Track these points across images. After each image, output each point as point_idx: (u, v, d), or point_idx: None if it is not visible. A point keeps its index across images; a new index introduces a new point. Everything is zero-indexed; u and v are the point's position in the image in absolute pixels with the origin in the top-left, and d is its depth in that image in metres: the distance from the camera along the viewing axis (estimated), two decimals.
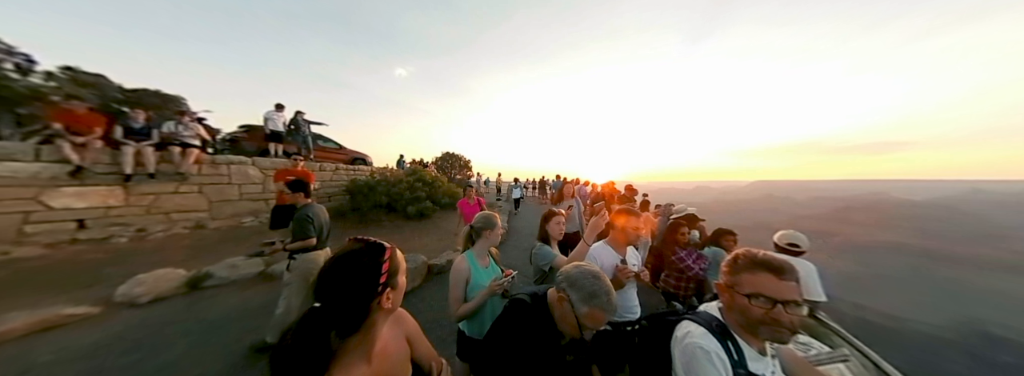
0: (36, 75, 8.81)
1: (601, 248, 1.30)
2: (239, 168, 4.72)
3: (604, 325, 0.71)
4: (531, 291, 0.84)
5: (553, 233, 1.45)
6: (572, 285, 0.71)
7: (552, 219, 1.47)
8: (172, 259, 3.09)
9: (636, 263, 1.34)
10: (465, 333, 1.18)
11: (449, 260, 3.59)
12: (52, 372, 1.63)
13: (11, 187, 2.97)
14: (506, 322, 0.80)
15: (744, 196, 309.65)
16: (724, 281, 0.65)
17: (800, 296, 0.59)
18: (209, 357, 1.78)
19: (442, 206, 7.12)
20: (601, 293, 0.69)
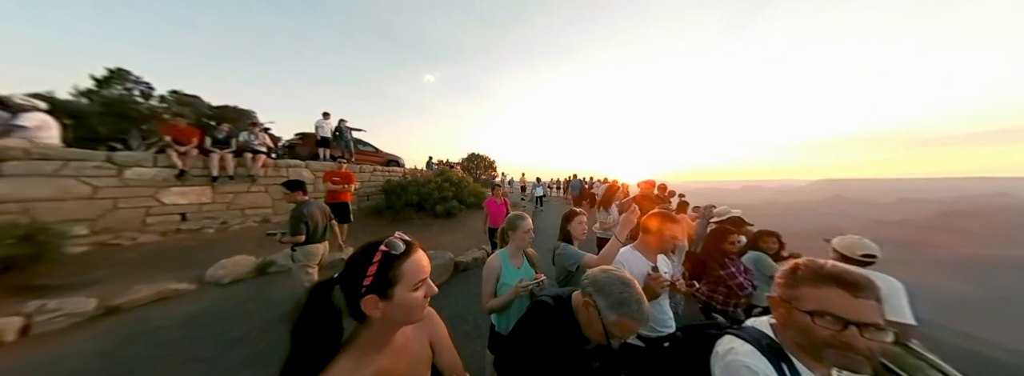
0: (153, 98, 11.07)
1: (630, 253, 1.20)
2: (295, 170, 5.40)
3: (635, 335, 0.68)
4: (555, 293, 0.82)
5: (575, 233, 1.42)
6: (599, 290, 0.68)
7: (574, 219, 1.43)
8: (245, 248, 3.65)
9: (669, 271, 1.24)
10: (495, 327, 1.23)
11: (474, 258, 3.71)
12: (161, 334, 2.03)
13: (138, 187, 3.77)
14: (528, 324, 0.79)
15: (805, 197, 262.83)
16: (779, 294, 0.56)
17: (881, 318, 0.49)
18: (272, 332, 2.08)
19: (468, 205, 7.35)
20: (631, 301, 0.65)
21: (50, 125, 3.38)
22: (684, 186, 31.63)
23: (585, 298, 0.70)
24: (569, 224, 1.44)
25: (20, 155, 3.03)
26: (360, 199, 6.26)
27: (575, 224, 1.43)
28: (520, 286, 1.11)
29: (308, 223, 2.15)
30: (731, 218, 2.31)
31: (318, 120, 6.24)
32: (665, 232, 1.15)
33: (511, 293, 1.11)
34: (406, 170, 8.45)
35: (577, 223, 1.43)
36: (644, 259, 1.18)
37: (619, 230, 1.20)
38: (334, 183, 4.26)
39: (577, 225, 1.43)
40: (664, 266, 1.23)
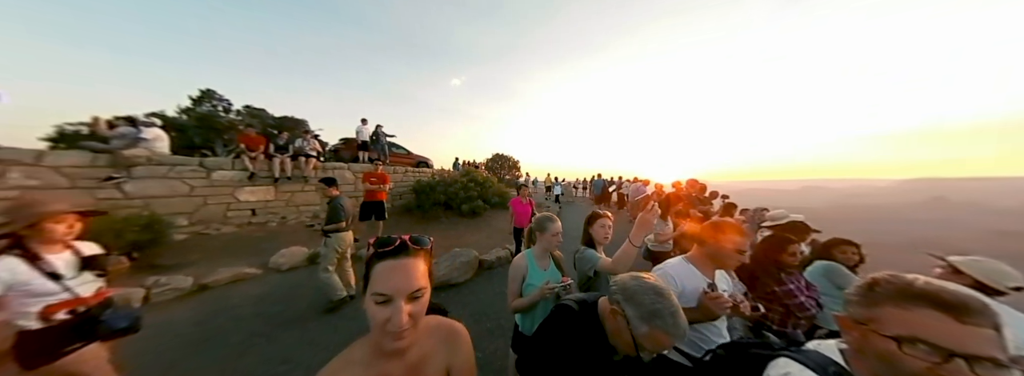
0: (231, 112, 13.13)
1: (681, 266, 1.03)
2: (339, 172, 6.01)
3: (669, 349, 0.64)
4: (580, 298, 0.78)
5: (597, 237, 1.34)
6: (629, 299, 0.63)
7: (596, 222, 1.36)
8: (300, 239, 4.17)
9: (728, 289, 1.06)
10: (519, 327, 1.24)
11: (499, 257, 3.76)
12: (237, 311, 2.42)
13: (221, 187, 4.52)
14: (550, 328, 0.76)
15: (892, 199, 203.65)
16: (854, 314, 0.47)
17: (1002, 351, 0.39)
18: (318, 315, 2.38)
19: (492, 205, 7.49)
20: (665, 313, 0.59)
21: (162, 137, 4.22)
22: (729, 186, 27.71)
23: (613, 306, 0.65)
24: (591, 227, 1.37)
25: (143, 161, 3.84)
26: (393, 198, 6.73)
27: (598, 227, 1.35)
28: (546, 288, 1.09)
29: (344, 213, 2.51)
30: (791, 224, 1.89)
31: (358, 126, 6.87)
32: (727, 244, 0.96)
33: (536, 294, 1.10)
34: (434, 171, 8.88)
35: (600, 226, 1.35)
36: (699, 274, 1.01)
37: (633, 233, 1.05)
38: (372, 183, 4.66)
39: (599, 228, 1.35)
40: (723, 283, 1.06)
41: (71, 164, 3.46)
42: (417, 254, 0.48)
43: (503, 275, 3.68)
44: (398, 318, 0.44)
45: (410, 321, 0.45)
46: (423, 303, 0.48)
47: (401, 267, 0.46)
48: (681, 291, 0.96)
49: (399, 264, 0.46)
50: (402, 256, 0.47)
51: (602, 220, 1.36)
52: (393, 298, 0.45)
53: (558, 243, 1.27)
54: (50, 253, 1.08)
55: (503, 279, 3.50)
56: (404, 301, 0.45)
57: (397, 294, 0.45)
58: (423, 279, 0.47)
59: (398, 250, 0.47)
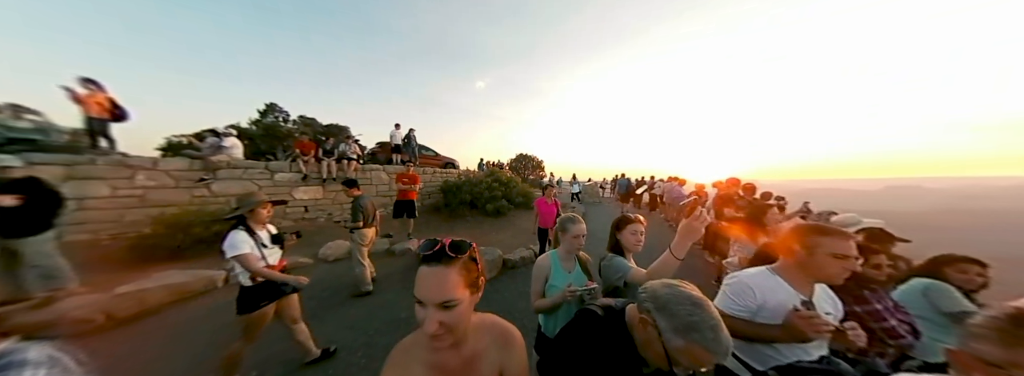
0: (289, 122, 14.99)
1: (764, 277, 0.88)
2: (376, 173, 6.54)
3: (709, 366, 0.55)
4: (605, 304, 0.73)
5: (627, 244, 1.20)
6: (661, 309, 0.57)
7: (627, 227, 1.21)
8: (344, 234, 4.60)
9: (834, 311, 0.89)
10: (541, 328, 1.23)
11: (522, 256, 3.78)
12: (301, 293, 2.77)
13: (282, 186, 5.20)
14: (573, 334, 0.72)
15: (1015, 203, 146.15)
16: (980, 352, 0.40)
17: None
18: (358, 303, 2.63)
19: (516, 205, 7.52)
20: (703, 327, 0.53)
21: (238, 145, 5.00)
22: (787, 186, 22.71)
23: (642, 315, 0.60)
24: (620, 232, 1.23)
25: (225, 165, 4.60)
26: (423, 197, 7.12)
27: (628, 234, 1.21)
28: (569, 291, 1.05)
29: (364, 212, 2.78)
30: (872, 231, 1.57)
31: (391, 130, 7.40)
32: (827, 251, 0.77)
33: (558, 297, 1.07)
34: (460, 171, 9.19)
35: (630, 232, 1.20)
36: (789, 287, 0.85)
37: (677, 242, 0.88)
38: (404, 183, 4.99)
39: (630, 235, 1.20)
40: (825, 303, 0.88)
41: (176, 168, 4.27)
42: (453, 263, 0.48)
43: (526, 275, 3.64)
44: (428, 325, 0.45)
45: (441, 328, 0.45)
46: (457, 313, 0.47)
47: (433, 275, 0.47)
48: (760, 305, 0.84)
49: (432, 272, 0.47)
50: (436, 264, 0.48)
51: (633, 226, 1.21)
52: (425, 304, 0.46)
53: (580, 246, 1.23)
54: (259, 230, 1.52)
55: (526, 279, 3.47)
56: (434, 309, 0.46)
57: (427, 301, 0.46)
58: (456, 290, 0.47)
59: (433, 257, 0.48)
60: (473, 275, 0.52)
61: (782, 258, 0.90)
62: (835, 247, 0.78)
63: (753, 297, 0.85)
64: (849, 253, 0.78)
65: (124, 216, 3.82)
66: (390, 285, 3.03)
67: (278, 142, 13.00)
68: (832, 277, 0.81)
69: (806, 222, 0.94)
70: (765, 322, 0.83)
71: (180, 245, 3.49)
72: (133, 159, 4.00)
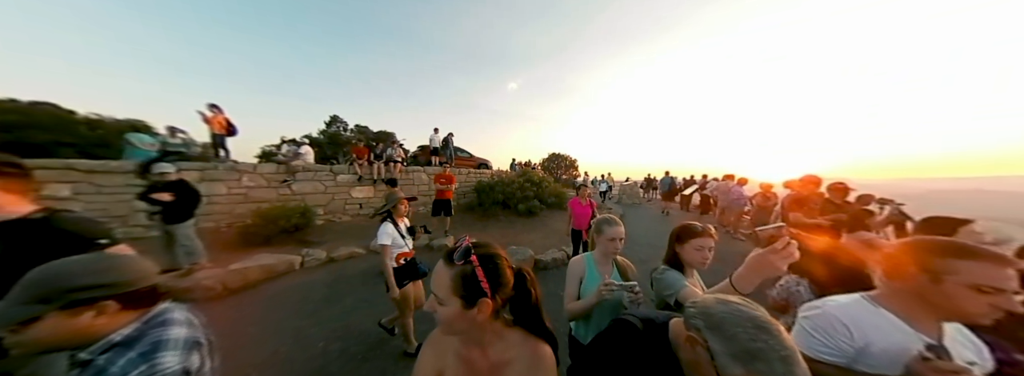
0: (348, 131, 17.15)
1: (868, 312, 0.66)
2: (417, 174, 7.13)
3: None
4: (646, 315, 0.65)
5: (692, 260, 1.00)
6: (715, 328, 0.47)
7: (691, 241, 1.00)
8: None
9: (978, 360, 0.64)
10: (572, 332, 1.18)
11: (554, 258, 3.72)
12: (350, 279, 3.19)
13: (342, 187, 6.02)
14: (606, 346, 0.66)
15: None
16: None
17: None
18: None
19: (549, 205, 7.44)
20: (771, 357, 0.42)
21: (310, 152, 5.97)
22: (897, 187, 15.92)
23: (690, 332, 0.51)
24: (682, 245, 1.02)
25: (300, 169, 5.51)
26: (458, 197, 7.52)
27: (692, 249, 1.00)
28: (604, 288, 0.94)
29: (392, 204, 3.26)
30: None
31: (431, 134, 7.98)
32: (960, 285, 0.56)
33: (593, 297, 0.99)
34: (493, 172, 9.45)
35: (695, 248, 0.99)
36: (906, 326, 0.63)
37: (742, 274, 0.69)
38: (441, 183, 5.34)
39: (695, 252, 0.99)
40: (965, 348, 0.65)
41: (268, 172, 5.27)
42: (450, 265, 0.54)
43: (558, 277, 3.59)
44: (426, 303, 0.56)
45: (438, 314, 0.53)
46: (442, 311, 0.53)
47: (437, 268, 0.55)
48: (862, 348, 0.64)
49: (438, 268, 0.55)
50: (445, 260, 0.55)
51: (700, 240, 0.99)
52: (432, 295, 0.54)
53: (617, 249, 1.14)
54: (400, 223, 1.86)
55: (558, 281, 3.45)
56: (433, 298, 0.54)
57: (437, 289, 0.54)
58: (442, 290, 0.53)
59: (446, 256, 0.56)
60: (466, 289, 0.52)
61: (888, 282, 0.66)
62: (980, 275, 0.54)
63: (849, 336, 0.63)
64: (1003, 285, 0.54)
65: (234, 209, 4.86)
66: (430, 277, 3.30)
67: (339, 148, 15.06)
68: (970, 316, 0.58)
69: (934, 237, 0.64)
70: (871, 372, 0.62)
71: (270, 234, 4.30)
72: (240, 165, 5.07)
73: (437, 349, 0.61)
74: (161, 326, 0.61)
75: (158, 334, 0.60)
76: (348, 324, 2.31)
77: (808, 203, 2.82)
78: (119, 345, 0.56)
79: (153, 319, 0.62)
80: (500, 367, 0.57)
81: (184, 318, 0.66)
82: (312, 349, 1.97)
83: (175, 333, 0.62)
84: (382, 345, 2.04)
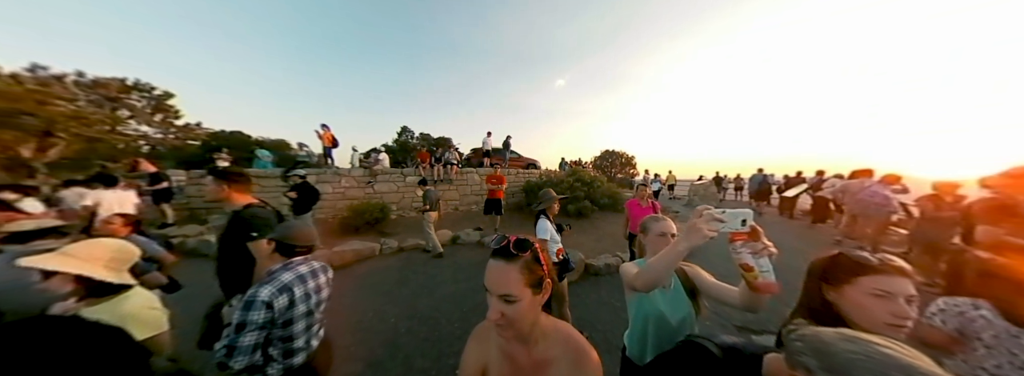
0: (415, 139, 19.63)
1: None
2: (470, 176, 7.66)
3: None
4: (728, 343, 0.54)
5: (869, 320, 0.55)
6: (835, 372, 0.35)
7: (858, 281, 0.57)
8: (446, 225, 5.66)
9: None
10: (626, 350, 1.00)
11: (607, 264, 3.45)
12: (415, 267, 3.64)
13: (409, 187, 6.94)
14: (671, 371, 0.58)
15: None
16: None
17: None
18: (450, 280, 3.17)
19: (601, 206, 6.98)
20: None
21: (386, 158, 7.07)
22: None
23: (797, 372, 0.39)
24: (840, 289, 0.60)
25: (380, 172, 6.60)
26: (508, 196, 7.75)
27: (862, 295, 0.56)
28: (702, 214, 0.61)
29: (430, 201, 4.06)
30: None
31: (484, 138, 8.46)
32: None
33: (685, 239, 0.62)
34: (542, 171, 9.40)
35: (868, 293, 0.55)
36: None
37: None
38: (492, 184, 5.60)
39: (870, 302, 0.55)
40: None
41: (358, 175, 6.50)
42: (514, 260, 0.51)
43: (611, 283, 3.30)
44: (491, 312, 0.50)
45: (503, 319, 0.49)
46: (516, 309, 0.49)
47: (494, 269, 0.51)
48: None
49: (494, 265, 0.52)
50: (499, 258, 0.52)
51: (878, 280, 0.55)
52: (490, 292, 0.51)
53: None
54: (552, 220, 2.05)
55: (611, 288, 3.19)
56: (496, 299, 0.50)
57: (491, 291, 0.50)
58: (514, 286, 0.49)
59: (499, 252, 0.53)
60: (536, 275, 0.52)
61: None
62: None
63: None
64: None
65: (336, 205, 6.15)
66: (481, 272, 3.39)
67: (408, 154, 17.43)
68: None
69: None
70: None
71: (358, 225, 5.27)
72: (340, 170, 6.41)
73: (481, 344, 0.61)
74: (285, 270, 0.95)
75: (278, 274, 0.93)
76: (414, 306, 2.63)
77: (1019, 212, 1.78)
78: (272, 272, 0.95)
79: (288, 265, 0.97)
80: (543, 366, 0.55)
81: (304, 271, 0.99)
82: (386, 324, 2.32)
83: (285, 278, 0.92)
84: (439, 329, 2.25)
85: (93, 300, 0.86)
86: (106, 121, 9.92)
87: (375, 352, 1.93)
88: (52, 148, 8.25)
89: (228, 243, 1.26)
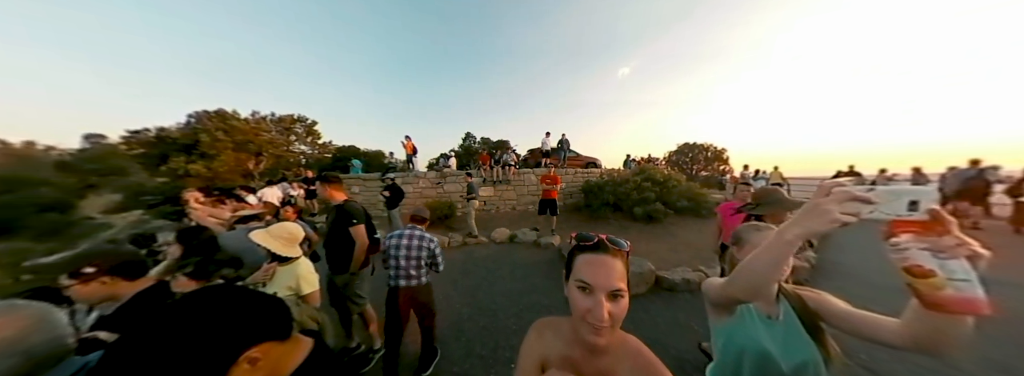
0: (476, 143, 21.29)
1: None
2: (526, 176, 7.81)
3: None
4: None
5: None
6: None
7: None
8: (504, 223, 5.95)
9: None
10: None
11: (686, 278, 2.86)
12: (477, 262, 3.97)
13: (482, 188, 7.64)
14: None
15: None
16: None
17: None
18: (508, 277, 3.31)
19: (678, 210, 6.02)
20: None
21: (453, 162, 7.96)
22: None
23: None
24: None
25: (449, 173, 7.50)
26: (564, 197, 7.55)
27: None
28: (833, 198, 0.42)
29: (473, 191, 5.09)
30: None
31: (542, 138, 8.52)
32: None
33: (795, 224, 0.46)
34: (603, 170, 8.76)
35: None
36: None
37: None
38: (546, 184, 5.58)
39: None
40: None
41: (431, 177, 7.56)
42: (615, 254, 0.49)
43: (690, 303, 2.85)
44: (599, 311, 0.44)
45: (609, 320, 0.44)
46: (622, 306, 0.46)
47: (601, 262, 0.47)
48: None
49: (599, 259, 0.48)
50: (600, 252, 0.48)
51: None
52: (594, 289, 0.45)
53: None
54: None
55: (690, 308, 2.74)
56: (604, 296, 0.45)
57: (598, 287, 0.45)
58: (622, 281, 0.47)
59: (598, 246, 0.49)
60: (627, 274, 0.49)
61: None
62: None
63: None
64: None
65: (415, 202, 7.29)
66: (537, 272, 3.50)
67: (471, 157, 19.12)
68: None
69: None
70: None
71: (431, 220, 6.14)
72: (418, 173, 7.59)
73: (542, 340, 0.57)
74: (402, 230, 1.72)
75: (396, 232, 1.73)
76: (476, 296, 2.89)
77: None
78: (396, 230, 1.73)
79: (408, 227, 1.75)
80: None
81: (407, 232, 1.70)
82: (452, 309, 2.62)
83: (396, 234, 1.70)
84: (497, 321, 2.40)
85: (281, 264, 1.37)
86: (284, 144, 14.77)
87: (442, 331, 2.19)
88: (261, 163, 12.89)
89: (335, 227, 1.75)
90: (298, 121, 15.72)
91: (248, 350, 0.39)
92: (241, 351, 0.39)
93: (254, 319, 0.42)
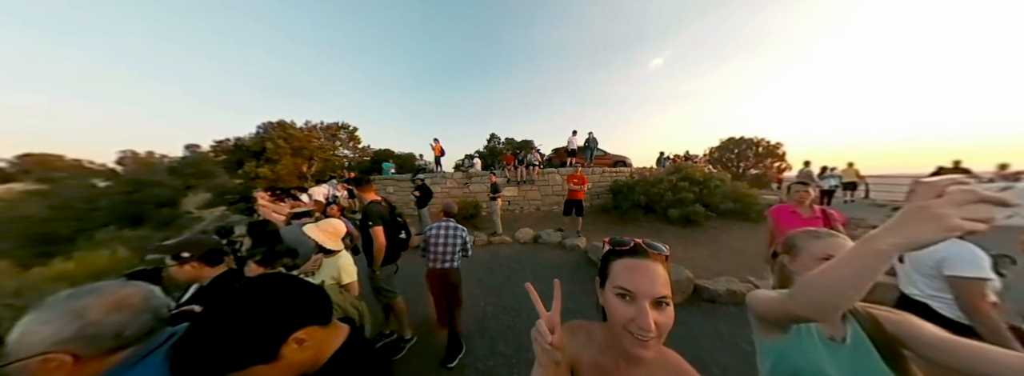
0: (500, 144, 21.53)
1: None
2: (551, 176, 7.70)
3: None
4: None
5: None
6: None
7: None
8: (528, 223, 5.93)
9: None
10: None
11: (730, 289, 2.58)
12: (502, 261, 4.02)
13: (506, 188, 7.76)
14: None
15: None
16: None
17: None
18: (533, 278, 3.30)
19: (721, 213, 5.47)
20: None
21: (478, 162, 8.17)
22: None
23: None
24: None
25: (475, 174, 7.71)
26: (591, 197, 7.29)
27: None
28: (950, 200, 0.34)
29: (497, 189, 5.29)
30: None
31: (569, 137, 8.35)
32: None
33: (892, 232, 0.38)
34: (633, 169, 8.29)
35: None
36: None
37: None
38: (573, 184, 5.44)
39: None
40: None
41: (458, 177, 7.85)
42: (656, 259, 0.45)
43: (735, 317, 2.55)
44: (644, 320, 0.40)
45: (656, 330, 0.41)
46: (668, 315, 0.43)
47: (642, 267, 0.44)
48: None
49: (640, 264, 0.44)
50: (641, 257, 0.45)
51: None
52: (637, 297, 0.42)
53: None
54: None
55: (734, 322, 2.51)
56: (649, 305, 0.41)
57: (641, 295, 0.42)
58: (666, 288, 0.43)
59: (634, 250, 0.46)
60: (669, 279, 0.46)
61: None
62: None
63: None
64: None
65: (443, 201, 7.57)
66: (561, 274, 3.43)
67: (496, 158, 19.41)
68: None
69: None
70: None
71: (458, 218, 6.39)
72: (445, 173, 7.93)
73: (574, 341, 0.55)
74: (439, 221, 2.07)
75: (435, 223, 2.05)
76: (499, 293, 2.93)
77: None
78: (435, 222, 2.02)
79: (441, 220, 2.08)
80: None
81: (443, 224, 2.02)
82: (477, 305, 2.69)
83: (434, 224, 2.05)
84: (520, 321, 2.41)
85: (327, 256, 1.53)
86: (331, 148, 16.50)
87: (466, 327, 2.27)
88: (313, 166, 14.58)
89: (361, 227, 1.91)
90: (342, 128, 17.44)
91: (296, 331, 0.43)
92: (291, 332, 0.43)
93: (301, 305, 0.46)
